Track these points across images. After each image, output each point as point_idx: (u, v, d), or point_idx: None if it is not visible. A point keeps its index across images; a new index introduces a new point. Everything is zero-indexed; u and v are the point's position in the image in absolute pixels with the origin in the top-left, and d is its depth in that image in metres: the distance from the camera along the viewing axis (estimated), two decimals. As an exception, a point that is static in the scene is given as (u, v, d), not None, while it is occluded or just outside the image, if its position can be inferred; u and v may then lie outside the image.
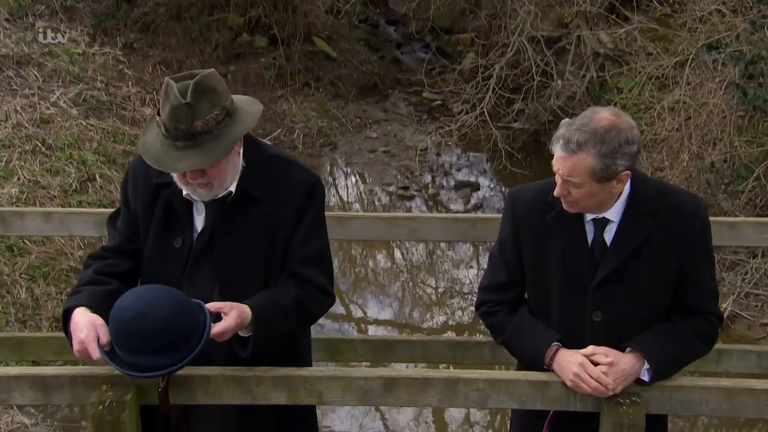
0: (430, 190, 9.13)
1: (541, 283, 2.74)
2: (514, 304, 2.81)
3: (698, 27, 8.22)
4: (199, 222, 2.72)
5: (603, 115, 2.50)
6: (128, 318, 2.42)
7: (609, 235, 2.66)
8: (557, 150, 2.53)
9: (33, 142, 8.50)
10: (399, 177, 9.50)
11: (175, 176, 2.63)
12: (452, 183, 9.42)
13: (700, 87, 8.14)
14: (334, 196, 9.34)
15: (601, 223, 2.66)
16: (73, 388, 2.66)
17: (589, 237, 2.68)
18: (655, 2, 8.50)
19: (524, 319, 2.76)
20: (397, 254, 8.30)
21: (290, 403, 2.67)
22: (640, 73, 8.52)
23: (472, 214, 4.58)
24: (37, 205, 7.54)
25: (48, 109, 9.23)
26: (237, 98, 2.66)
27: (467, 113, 8.85)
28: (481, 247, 8.00)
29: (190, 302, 2.50)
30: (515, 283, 2.81)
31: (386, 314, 7.27)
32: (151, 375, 2.47)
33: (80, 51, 10.39)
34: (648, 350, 2.61)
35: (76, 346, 2.54)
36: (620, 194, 2.63)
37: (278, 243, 2.70)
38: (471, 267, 7.96)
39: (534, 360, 2.68)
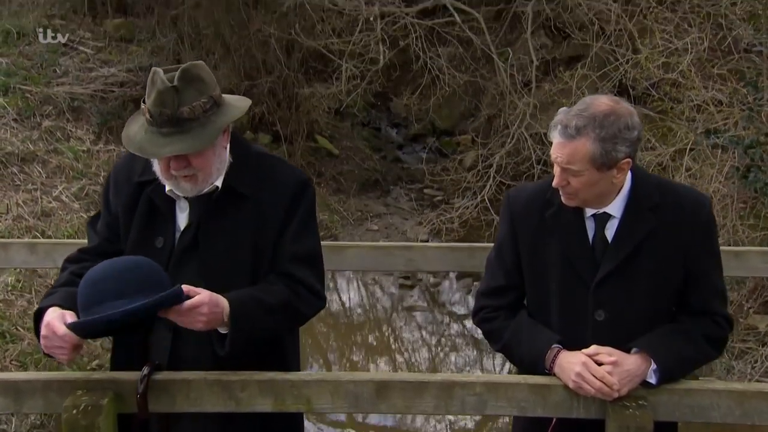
0: (431, 280, 9.01)
1: (541, 283, 2.62)
2: (513, 309, 2.68)
3: (696, 116, 8.30)
4: (183, 220, 2.63)
5: (602, 101, 2.45)
6: (93, 272, 2.37)
7: (610, 232, 2.56)
8: (555, 136, 2.45)
9: (32, 233, 8.51)
10: (400, 267, 9.35)
11: (158, 169, 2.56)
12: (454, 273, 9.26)
13: (700, 174, 8.15)
14: (331, 282, 9.21)
15: (602, 220, 2.56)
16: (46, 394, 2.51)
17: (590, 234, 2.57)
18: (653, 93, 8.60)
19: (523, 322, 2.63)
20: (399, 358, 8.10)
21: (276, 411, 2.52)
22: (639, 161, 8.53)
23: (469, 243, 4.40)
24: (33, 293, 7.50)
25: (50, 202, 9.30)
26: (226, 96, 2.62)
27: (470, 201, 8.85)
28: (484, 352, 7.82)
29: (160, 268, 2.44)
30: (514, 286, 2.69)
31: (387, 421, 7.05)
32: (116, 314, 2.28)
33: (85, 148, 10.51)
34: (654, 350, 2.47)
35: (42, 331, 2.40)
36: (621, 187, 2.54)
37: (267, 240, 2.60)
38: (475, 370, 7.75)
39: (534, 364, 2.54)
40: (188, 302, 2.36)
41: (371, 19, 9.42)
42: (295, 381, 2.50)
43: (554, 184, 2.50)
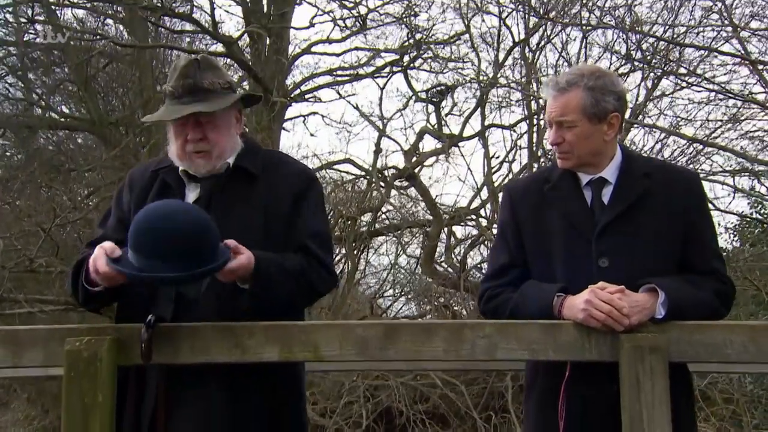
0: None
1: (544, 246, 2.68)
2: (517, 285, 2.69)
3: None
4: (192, 199, 2.69)
5: (588, 64, 2.77)
6: (156, 216, 2.36)
7: (606, 197, 2.68)
8: (548, 92, 2.68)
9: None
10: None
11: (173, 152, 2.70)
12: None
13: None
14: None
15: (598, 186, 2.69)
16: (47, 344, 2.44)
17: (588, 200, 2.69)
18: None
19: (528, 285, 2.65)
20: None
21: (283, 360, 2.45)
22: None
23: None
24: None
25: None
26: None
27: None
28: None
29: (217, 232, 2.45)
30: (516, 263, 2.74)
31: None
32: (167, 278, 2.34)
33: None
34: (662, 284, 2.49)
35: (91, 266, 2.42)
36: (614, 155, 2.71)
37: (277, 224, 2.67)
38: None
39: (543, 315, 2.50)
40: (228, 268, 2.42)
41: (355, 379, 9.64)
42: (304, 326, 2.46)
43: (549, 141, 2.69)
